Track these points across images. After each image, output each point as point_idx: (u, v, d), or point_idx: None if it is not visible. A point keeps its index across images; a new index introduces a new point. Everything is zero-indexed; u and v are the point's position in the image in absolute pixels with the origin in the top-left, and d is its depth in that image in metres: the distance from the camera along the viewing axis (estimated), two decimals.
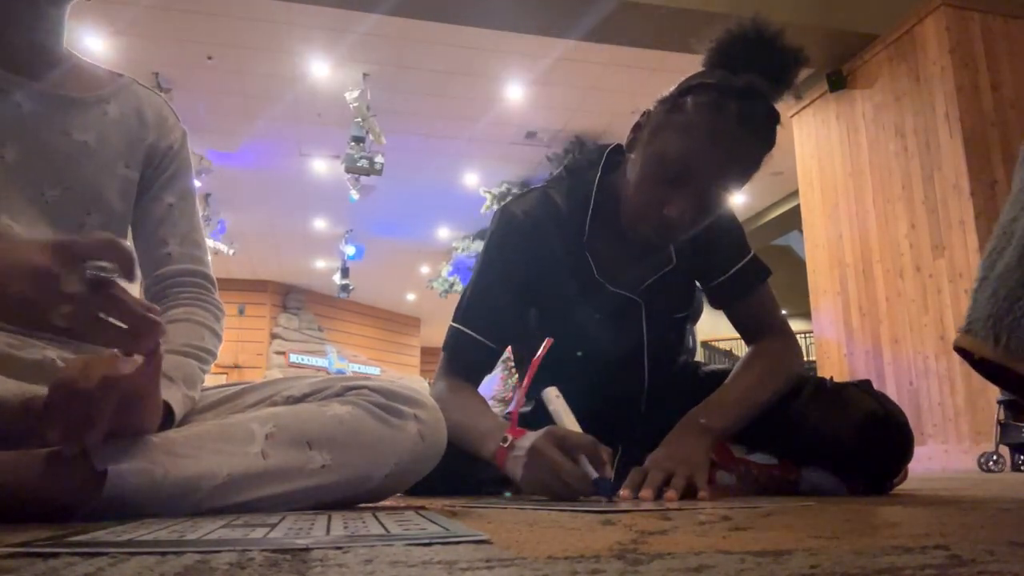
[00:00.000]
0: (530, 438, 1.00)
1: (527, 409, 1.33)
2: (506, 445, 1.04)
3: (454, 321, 1.30)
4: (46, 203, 0.89)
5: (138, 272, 0.61)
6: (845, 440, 1.16)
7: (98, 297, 0.59)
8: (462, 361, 1.29)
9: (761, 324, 1.33)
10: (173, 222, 1.01)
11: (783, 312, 1.38)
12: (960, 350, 0.75)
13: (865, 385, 1.25)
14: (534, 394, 1.18)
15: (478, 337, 1.27)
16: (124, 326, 0.60)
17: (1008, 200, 0.75)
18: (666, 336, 1.36)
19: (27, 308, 0.60)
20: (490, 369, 1.34)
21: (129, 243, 0.73)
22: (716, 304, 1.36)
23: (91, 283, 0.59)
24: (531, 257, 1.27)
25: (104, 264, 0.60)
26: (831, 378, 1.29)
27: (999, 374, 0.73)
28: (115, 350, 0.66)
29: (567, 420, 1.04)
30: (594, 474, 0.94)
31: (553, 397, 1.08)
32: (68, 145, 0.91)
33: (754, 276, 1.32)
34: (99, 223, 0.92)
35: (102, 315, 0.60)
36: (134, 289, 0.63)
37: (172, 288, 0.98)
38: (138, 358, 0.65)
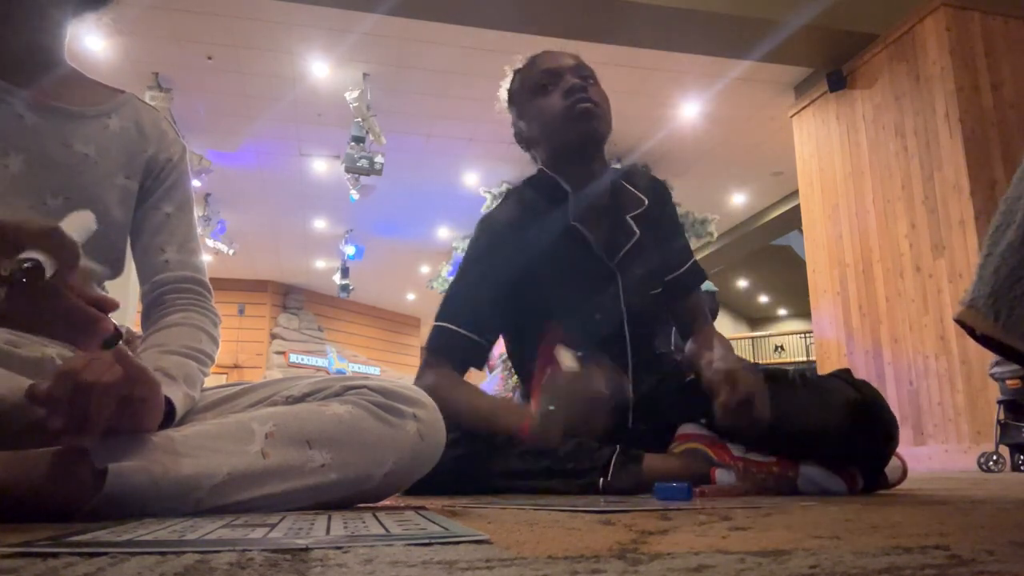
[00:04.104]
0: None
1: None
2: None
3: (437, 320, 1.34)
4: (48, 211, 0.90)
5: (84, 264, 0.58)
6: (831, 430, 1.19)
7: (32, 287, 0.56)
8: (447, 355, 1.33)
9: (701, 317, 1.51)
10: (171, 231, 1.03)
11: (782, 311, 1.48)
12: (961, 323, 0.76)
13: (844, 374, 1.28)
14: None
15: (462, 331, 1.31)
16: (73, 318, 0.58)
17: (1015, 176, 0.76)
18: (643, 311, 1.44)
19: None
20: (476, 364, 1.36)
21: (75, 235, 0.68)
22: (670, 298, 1.51)
23: (21, 272, 0.56)
24: (519, 252, 1.33)
25: (35, 256, 0.57)
26: (811, 371, 1.33)
27: (1000, 347, 0.75)
28: (119, 347, 0.66)
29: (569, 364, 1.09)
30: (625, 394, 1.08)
31: (566, 353, 1.13)
32: (70, 156, 0.93)
33: (699, 275, 1.53)
34: (100, 231, 0.93)
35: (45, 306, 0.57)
36: (132, 294, 0.63)
37: (169, 294, 0.99)
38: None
